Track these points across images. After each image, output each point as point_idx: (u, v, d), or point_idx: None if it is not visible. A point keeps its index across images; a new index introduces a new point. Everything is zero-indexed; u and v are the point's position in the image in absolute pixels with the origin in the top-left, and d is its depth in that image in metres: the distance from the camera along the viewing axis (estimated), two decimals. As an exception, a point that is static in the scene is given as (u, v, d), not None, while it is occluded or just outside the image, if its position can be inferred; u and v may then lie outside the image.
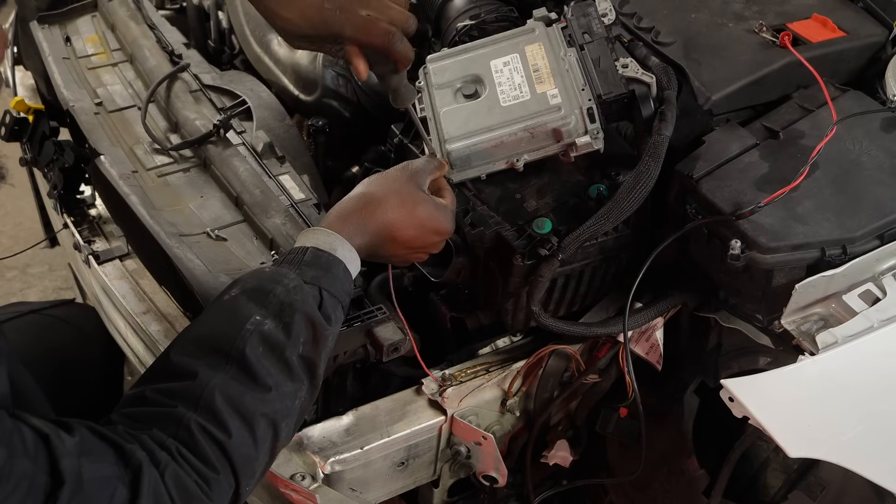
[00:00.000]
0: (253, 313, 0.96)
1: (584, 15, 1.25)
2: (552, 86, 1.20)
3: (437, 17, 1.59)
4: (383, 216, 1.10)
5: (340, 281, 1.05)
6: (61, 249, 1.91)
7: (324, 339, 1.00)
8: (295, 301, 0.98)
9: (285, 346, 0.96)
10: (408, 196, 1.12)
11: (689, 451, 1.44)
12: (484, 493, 1.39)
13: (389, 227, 1.11)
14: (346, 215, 1.10)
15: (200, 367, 0.92)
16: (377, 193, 1.12)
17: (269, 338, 0.95)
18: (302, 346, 0.97)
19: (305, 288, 1.00)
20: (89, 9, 1.90)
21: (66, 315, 1.57)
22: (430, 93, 1.26)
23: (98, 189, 1.60)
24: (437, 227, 1.14)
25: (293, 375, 0.96)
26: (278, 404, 0.94)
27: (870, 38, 1.33)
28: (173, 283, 1.38)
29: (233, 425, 0.90)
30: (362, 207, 1.11)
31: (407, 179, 1.14)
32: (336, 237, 1.07)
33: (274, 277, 1.01)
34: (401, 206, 1.11)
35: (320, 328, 0.99)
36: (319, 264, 1.04)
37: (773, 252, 1.10)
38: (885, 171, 1.16)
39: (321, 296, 1.01)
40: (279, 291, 0.99)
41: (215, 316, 1.00)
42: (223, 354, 0.93)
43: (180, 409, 0.89)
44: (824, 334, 1.07)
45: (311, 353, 0.98)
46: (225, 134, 1.50)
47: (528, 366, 1.28)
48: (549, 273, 1.18)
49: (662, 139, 1.17)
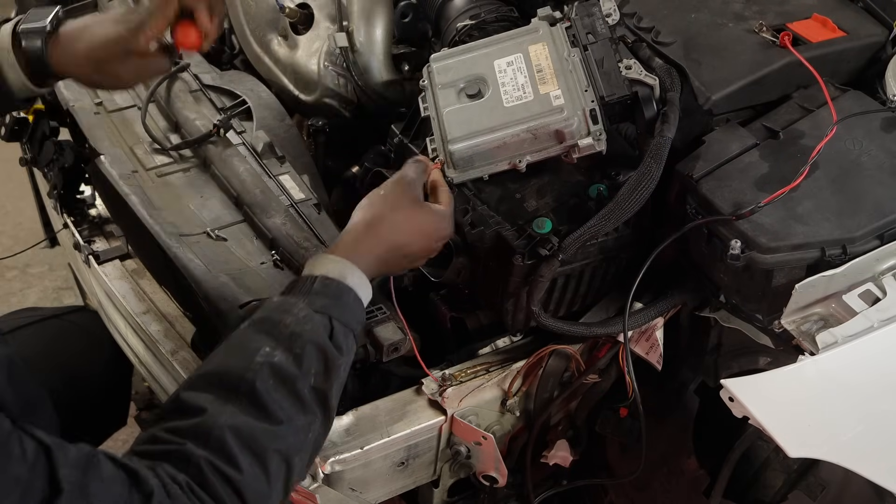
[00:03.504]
0: (263, 345, 0.94)
1: (588, 15, 1.24)
2: (555, 86, 1.20)
3: (436, 17, 1.59)
4: (390, 237, 1.10)
5: (351, 309, 1.03)
6: (61, 249, 1.92)
7: (335, 370, 0.97)
8: (305, 331, 0.96)
9: (297, 377, 0.93)
10: (409, 211, 1.12)
11: (689, 451, 1.44)
12: (484, 493, 1.39)
13: (398, 246, 1.11)
14: (353, 241, 1.09)
15: (210, 402, 0.90)
16: (380, 215, 1.11)
17: (279, 370, 0.93)
18: (314, 377, 0.95)
19: (315, 317, 0.98)
20: (89, 9, 1.90)
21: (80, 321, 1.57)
22: (434, 92, 1.25)
23: (98, 189, 1.60)
24: (440, 235, 1.16)
25: (305, 408, 0.94)
26: (291, 439, 0.92)
27: (870, 38, 1.33)
28: (173, 283, 1.38)
29: (244, 462, 0.87)
30: (368, 232, 1.10)
31: (403, 193, 1.14)
32: (346, 264, 1.05)
33: (283, 307, 0.99)
34: (405, 223, 1.11)
35: (332, 359, 0.97)
36: (329, 293, 1.02)
37: (773, 252, 1.10)
38: (885, 171, 1.16)
39: (332, 325, 0.99)
40: (289, 321, 0.96)
41: (224, 350, 0.97)
42: (233, 388, 0.91)
43: (189, 446, 0.86)
44: (824, 334, 1.07)
45: (322, 385, 0.96)
46: (225, 134, 1.50)
47: (528, 366, 1.28)
48: (549, 273, 1.18)
49: (665, 141, 1.17)
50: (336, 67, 1.67)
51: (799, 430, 1.00)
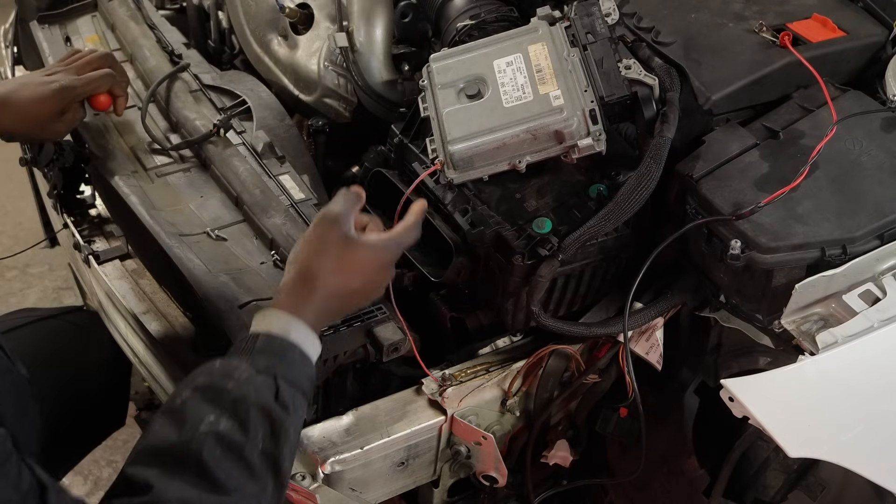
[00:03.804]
0: (206, 414, 0.91)
1: (587, 14, 1.24)
2: (555, 87, 1.20)
3: (436, 17, 1.59)
4: (323, 284, 1.04)
5: (298, 366, 0.99)
6: (61, 249, 1.92)
7: (284, 432, 0.93)
8: (248, 395, 0.92)
9: (244, 444, 0.90)
10: (336, 252, 1.06)
11: (689, 451, 1.44)
12: (484, 493, 1.39)
13: (334, 291, 1.05)
14: (292, 293, 1.04)
15: (156, 477, 0.86)
16: (307, 263, 1.05)
17: (225, 438, 0.89)
18: (261, 441, 0.91)
19: (258, 379, 0.94)
20: (89, 9, 1.90)
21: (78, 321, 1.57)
22: (434, 92, 1.25)
23: (98, 189, 1.60)
24: (379, 265, 1.09)
25: (255, 475, 0.90)
26: None
27: (870, 38, 1.33)
28: (173, 283, 1.38)
29: None
30: (303, 281, 1.04)
31: (326, 233, 1.07)
32: (289, 319, 1.00)
33: (225, 371, 0.95)
34: (335, 266, 1.05)
35: (278, 420, 0.93)
36: (273, 351, 0.98)
37: (773, 252, 1.10)
38: (885, 171, 1.16)
39: (277, 385, 0.95)
40: (231, 386, 0.93)
41: (168, 421, 0.92)
42: (179, 461, 0.88)
43: None
44: (824, 334, 1.07)
45: (272, 449, 0.92)
46: (225, 134, 1.50)
47: (528, 366, 1.28)
48: (549, 273, 1.18)
49: (664, 141, 1.17)
50: (336, 67, 1.67)
51: (799, 430, 1.00)
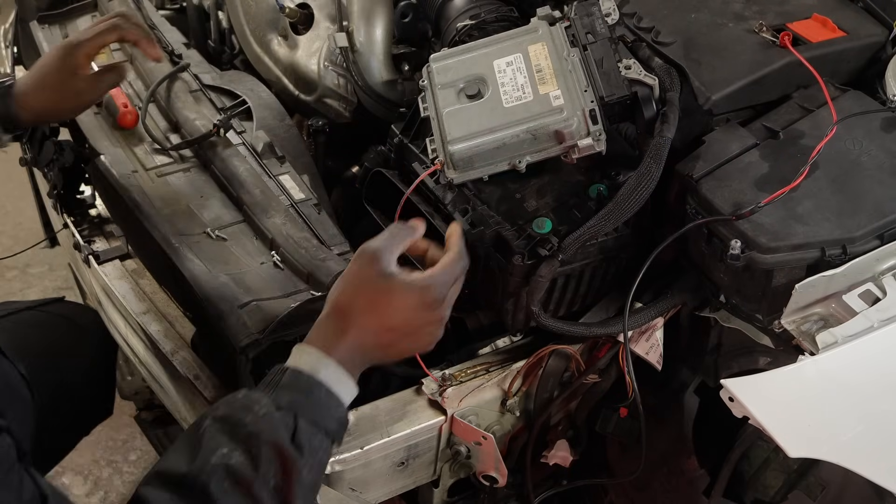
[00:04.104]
0: (220, 446, 0.89)
1: (587, 14, 1.24)
2: (555, 87, 1.20)
3: (436, 17, 1.59)
4: (356, 323, 1.00)
5: (323, 406, 0.96)
6: (61, 249, 1.92)
7: (295, 473, 0.90)
8: (263, 431, 0.90)
9: (252, 480, 0.87)
10: (371, 290, 1.01)
11: (689, 451, 1.44)
12: (484, 493, 1.39)
13: (368, 330, 1.00)
14: (327, 330, 1.01)
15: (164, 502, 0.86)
16: (341, 300, 1.02)
17: (235, 472, 0.87)
18: (273, 479, 0.89)
19: (276, 416, 0.92)
20: (89, 9, 1.90)
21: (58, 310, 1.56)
22: (434, 92, 1.25)
23: (98, 189, 1.60)
24: (420, 304, 1.02)
25: None
26: None
27: (870, 38, 1.33)
28: (173, 283, 1.38)
29: None
30: (336, 320, 1.01)
31: (364, 269, 1.02)
32: (320, 356, 0.97)
33: (246, 404, 0.93)
34: (368, 304, 1.00)
35: (290, 460, 0.90)
36: (298, 387, 0.95)
37: (773, 252, 1.10)
38: (885, 171, 1.16)
39: (295, 424, 0.92)
40: (248, 420, 0.91)
41: (184, 447, 0.91)
42: (187, 490, 0.86)
43: None
44: (824, 334, 1.07)
45: (284, 488, 0.89)
46: (225, 134, 1.50)
47: (528, 366, 1.29)
48: (549, 273, 1.18)
49: (664, 141, 1.17)
50: (336, 67, 1.67)
51: (799, 430, 1.00)
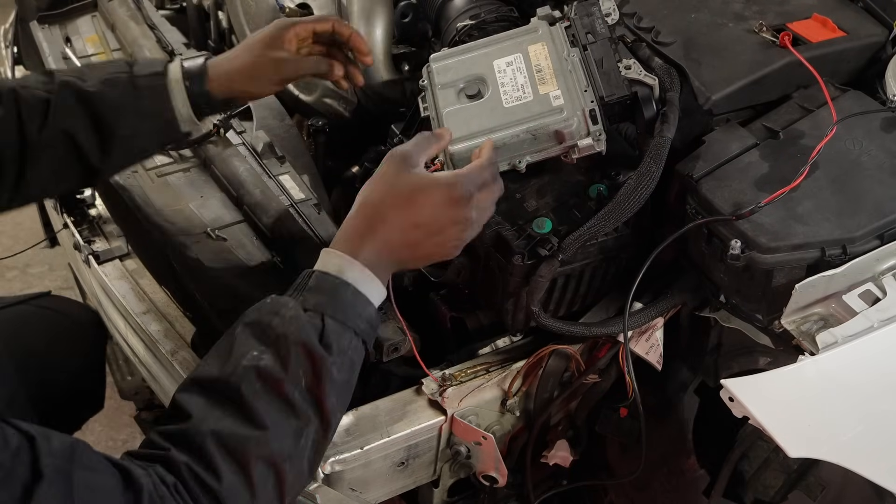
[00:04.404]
0: (250, 349, 0.92)
1: (587, 14, 1.24)
2: (555, 87, 1.20)
3: (436, 17, 1.59)
4: (384, 219, 1.01)
5: (349, 306, 0.97)
6: (61, 249, 1.92)
7: (325, 371, 0.92)
8: (290, 332, 0.92)
9: (283, 380, 0.90)
10: (401, 187, 1.02)
11: (689, 451, 1.44)
12: (484, 493, 1.39)
13: (397, 226, 1.01)
14: (352, 232, 1.02)
15: (197, 407, 0.89)
16: (371, 199, 1.03)
17: (265, 373, 0.90)
18: (303, 379, 0.91)
19: (303, 317, 0.94)
20: (89, 9, 1.91)
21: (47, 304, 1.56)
22: (434, 92, 1.25)
23: (98, 189, 1.60)
24: (449, 200, 1.02)
25: (296, 412, 0.90)
26: (278, 444, 0.89)
27: (870, 38, 1.33)
28: (173, 283, 1.38)
29: (224, 469, 0.85)
30: (363, 220, 1.02)
31: (396, 169, 1.04)
32: (344, 258, 0.99)
33: (274, 308, 0.95)
34: (398, 199, 1.01)
35: (319, 359, 0.92)
36: (324, 289, 0.97)
37: (773, 252, 1.10)
38: (885, 171, 1.16)
39: (323, 323, 0.94)
40: (276, 323, 0.93)
41: (216, 353, 0.95)
42: (219, 393, 0.89)
43: (173, 452, 0.85)
44: (824, 334, 1.07)
45: (315, 387, 0.92)
46: (225, 134, 1.50)
47: (528, 366, 1.28)
48: (549, 273, 1.18)
49: (664, 141, 1.17)
50: (336, 68, 1.67)
51: (799, 430, 1.00)
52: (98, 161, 1.20)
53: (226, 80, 1.23)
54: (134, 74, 1.20)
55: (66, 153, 1.18)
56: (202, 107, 1.24)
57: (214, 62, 1.25)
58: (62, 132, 1.16)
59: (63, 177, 1.21)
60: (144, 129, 1.21)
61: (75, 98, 1.17)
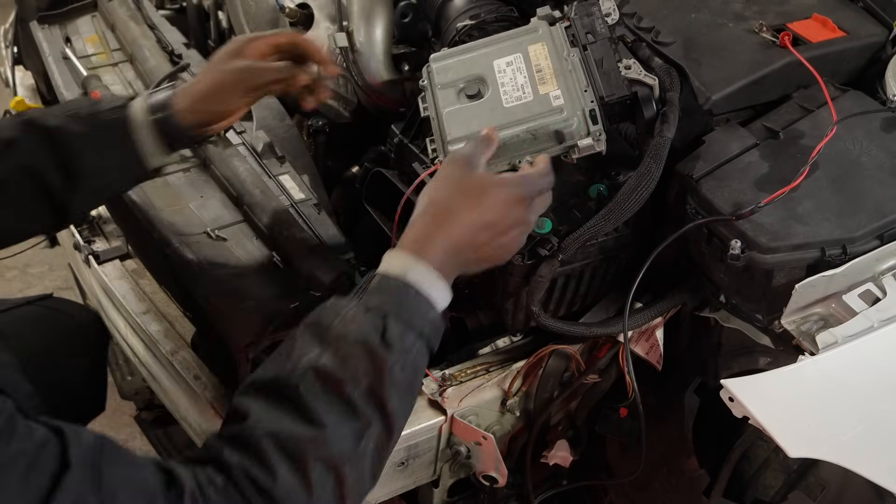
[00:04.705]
0: (310, 349, 0.90)
1: (587, 14, 1.24)
2: (555, 87, 1.20)
3: (436, 17, 1.59)
4: (454, 218, 1.01)
5: (412, 307, 0.95)
6: (61, 249, 1.92)
7: (387, 371, 0.90)
8: (350, 332, 0.91)
9: (343, 381, 0.88)
10: (470, 187, 1.03)
11: (689, 451, 1.44)
12: (484, 493, 1.39)
13: (466, 225, 1.01)
14: (417, 233, 1.01)
15: (254, 407, 0.87)
16: (440, 199, 1.03)
17: (324, 373, 0.88)
18: (364, 379, 0.89)
19: (363, 317, 0.93)
20: (89, 9, 1.91)
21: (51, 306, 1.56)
22: (434, 92, 1.25)
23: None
24: (514, 199, 1.04)
25: (356, 413, 0.88)
26: (337, 447, 0.87)
27: (870, 38, 1.33)
28: (173, 283, 1.38)
29: (280, 469, 0.83)
30: (432, 219, 1.01)
31: (461, 170, 1.05)
32: (408, 259, 0.98)
33: (334, 309, 0.95)
34: (466, 199, 1.02)
35: (380, 359, 0.90)
36: (387, 290, 0.96)
37: (773, 252, 1.10)
38: (885, 171, 1.16)
39: (384, 324, 0.92)
40: (336, 323, 0.92)
41: (276, 356, 0.93)
42: (278, 394, 0.88)
43: (227, 452, 0.84)
44: (824, 334, 1.07)
45: (376, 387, 0.90)
46: (225, 134, 1.50)
47: (528, 366, 1.29)
48: (549, 273, 1.18)
49: (664, 141, 1.17)
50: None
51: (799, 430, 1.00)
52: (65, 199, 1.16)
53: (191, 104, 1.19)
54: (96, 109, 1.18)
55: (32, 192, 1.14)
56: (173, 139, 1.20)
57: (179, 90, 1.21)
58: (26, 169, 1.13)
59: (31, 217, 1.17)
60: (109, 165, 1.17)
61: (38, 133, 1.14)
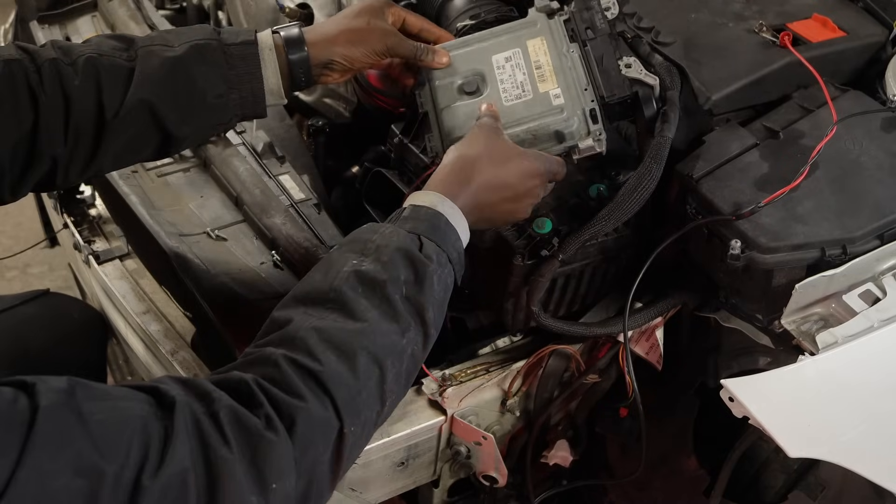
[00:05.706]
0: (350, 259, 0.94)
1: (587, 9, 1.24)
2: (555, 84, 1.19)
3: (436, 17, 1.58)
4: (480, 172, 1.07)
5: (443, 233, 1.00)
6: (61, 249, 1.92)
7: (427, 279, 0.95)
8: (392, 242, 0.95)
9: (385, 283, 0.92)
10: (498, 148, 1.09)
11: (689, 452, 1.44)
12: (484, 493, 1.39)
13: (490, 181, 1.07)
14: (446, 179, 1.06)
15: (297, 313, 0.89)
16: (467, 154, 1.08)
17: (366, 276, 0.92)
18: (404, 285, 0.93)
19: (402, 232, 0.97)
20: (89, 9, 1.90)
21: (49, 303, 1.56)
22: (433, 88, 1.25)
23: (98, 189, 1.60)
24: (533, 170, 1.10)
25: (397, 315, 0.92)
26: (380, 340, 0.89)
27: (870, 38, 1.33)
28: (173, 283, 1.38)
29: (326, 357, 0.85)
30: (458, 170, 1.07)
31: (489, 133, 1.11)
32: (436, 195, 1.03)
33: (371, 228, 0.99)
34: (493, 159, 1.08)
35: (421, 266, 0.94)
36: (418, 217, 1.00)
37: (773, 252, 1.10)
38: (885, 171, 1.16)
39: (420, 241, 0.97)
40: (375, 238, 0.96)
41: (314, 271, 0.96)
42: (320, 299, 0.91)
43: (269, 348, 0.85)
44: (824, 334, 1.07)
45: (415, 294, 0.94)
46: (225, 134, 1.50)
47: (528, 366, 1.28)
48: (549, 273, 1.18)
49: (665, 141, 1.17)
50: (336, 67, 1.67)
51: (799, 430, 1.00)
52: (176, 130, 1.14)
53: (326, 43, 1.19)
54: (224, 42, 1.15)
55: (145, 123, 1.12)
56: (299, 76, 1.19)
57: (310, 29, 1.22)
58: (143, 101, 1.10)
59: (138, 147, 1.15)
60: (230, 99, 1.16)
61: (161, 66, 1.11)
